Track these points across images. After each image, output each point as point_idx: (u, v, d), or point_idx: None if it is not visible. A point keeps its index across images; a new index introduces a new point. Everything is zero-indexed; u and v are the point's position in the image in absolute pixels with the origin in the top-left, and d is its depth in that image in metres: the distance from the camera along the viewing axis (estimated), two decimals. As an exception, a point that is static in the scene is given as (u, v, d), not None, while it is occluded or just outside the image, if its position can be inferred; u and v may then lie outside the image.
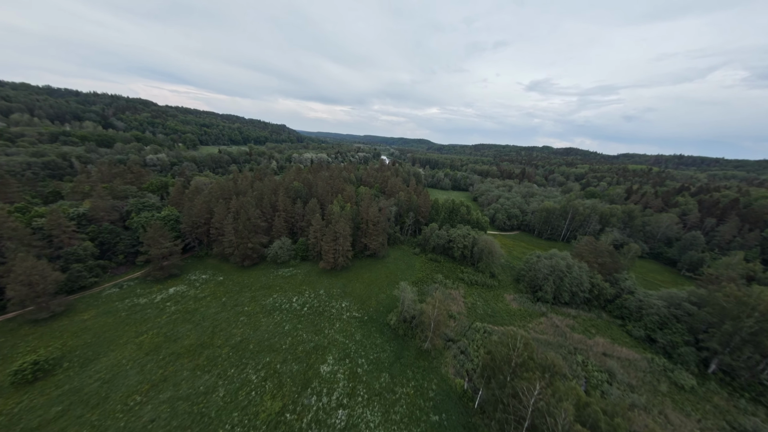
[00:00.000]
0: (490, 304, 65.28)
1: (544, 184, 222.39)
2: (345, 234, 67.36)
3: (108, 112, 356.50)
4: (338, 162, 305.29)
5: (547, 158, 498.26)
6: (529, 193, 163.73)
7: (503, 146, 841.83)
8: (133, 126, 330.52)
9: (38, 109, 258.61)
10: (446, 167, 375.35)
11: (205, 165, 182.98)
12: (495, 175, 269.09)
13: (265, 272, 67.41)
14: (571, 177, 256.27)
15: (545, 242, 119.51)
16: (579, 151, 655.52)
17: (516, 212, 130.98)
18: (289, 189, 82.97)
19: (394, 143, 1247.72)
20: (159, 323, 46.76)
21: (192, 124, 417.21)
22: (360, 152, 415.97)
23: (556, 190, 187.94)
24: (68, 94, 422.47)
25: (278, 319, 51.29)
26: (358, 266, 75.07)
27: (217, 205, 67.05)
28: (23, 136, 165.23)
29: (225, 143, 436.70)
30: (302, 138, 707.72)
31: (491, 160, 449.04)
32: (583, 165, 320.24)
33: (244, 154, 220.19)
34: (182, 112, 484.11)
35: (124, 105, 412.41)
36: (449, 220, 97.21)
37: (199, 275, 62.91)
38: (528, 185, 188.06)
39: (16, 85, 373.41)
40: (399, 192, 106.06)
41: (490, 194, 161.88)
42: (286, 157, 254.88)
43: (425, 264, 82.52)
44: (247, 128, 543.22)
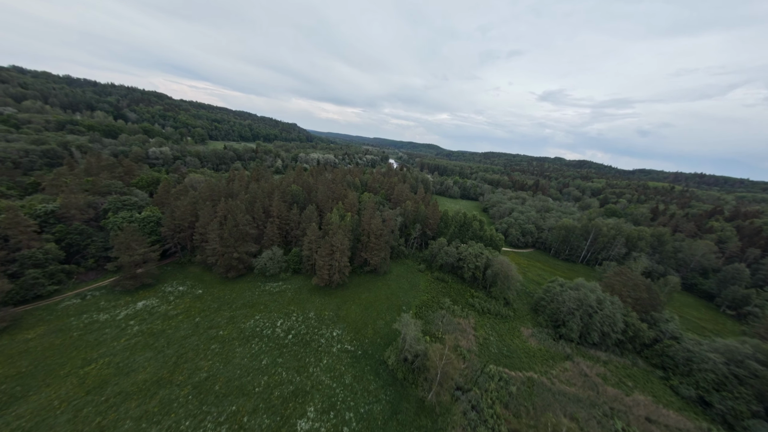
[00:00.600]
0: (506, 340, 56.22)
1: (559, 197, 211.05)
2: (342, 248, 59.56)
3: (122, 103, 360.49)
4: (345, 164, 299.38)
5: (559, 170, 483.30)
6: (544, 208, 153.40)
7: (513, 155, 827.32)
8: (144, 118, 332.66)
9: (53, 97, 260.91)
10: (455, 174, 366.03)
11: (208, 161, 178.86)
12: (506, 185, 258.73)
13: (251, 286, 60.01)
14: (587, 192, 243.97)
15: (563, 263, 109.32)
16: (593, 164, 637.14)
17: (531, 228, 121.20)
18: (285, 193, 75.89)
19: (402, 147, 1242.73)
20: (114, 348, 39.54)
21: (203, 119, 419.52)
22: (368, 155, 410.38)
23: (572, 205, 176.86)
24: (86, 84, 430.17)
25: (256, 349, 43.53)
26: (355, 283, 67.05)
27: (203, 208, 60.24)
28: (30, 123, 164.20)
29: (234, 139, 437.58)
30: (312, 137, 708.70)
31: (501, 169, 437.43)
32: (599, 179, 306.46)
33: (250, 151, 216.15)
34: (194, 106, 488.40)
35: (138, 97, 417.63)
36: (460, 235, 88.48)
37: (176, 286, 55.87)
38: (543, 198, 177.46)
39: (38, 73, 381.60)
40: (406, 201, 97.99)
41: (503, 206, 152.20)
42: (292, 156, 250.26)
43: (431, 284, 73.95)
44: (258, 125, 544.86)
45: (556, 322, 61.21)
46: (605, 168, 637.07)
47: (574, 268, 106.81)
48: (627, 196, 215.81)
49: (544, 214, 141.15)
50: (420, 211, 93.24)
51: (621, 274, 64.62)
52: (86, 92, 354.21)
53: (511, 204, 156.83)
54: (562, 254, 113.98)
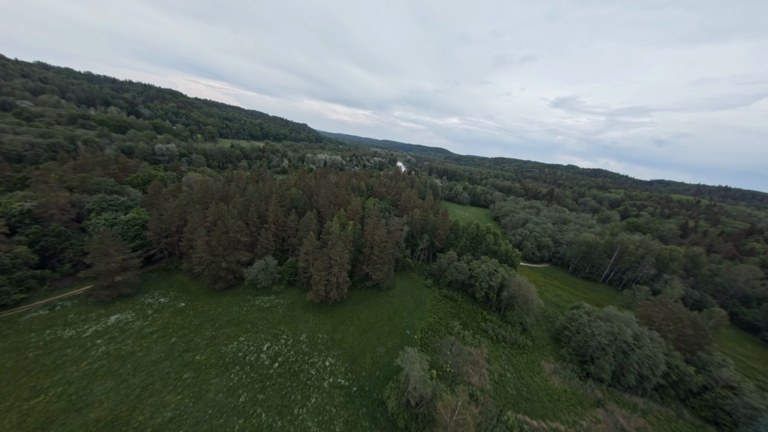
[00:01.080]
0: (524, 378, 48.62)
1: (575, 208, 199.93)
2: (342, 262, 53.36)
3: (138, 99, 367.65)
4: (352, 165, 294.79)
5: (573, 178, 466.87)
6: (560, 219, 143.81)
7: (524, 162, 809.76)
8: (158, 114, 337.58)
9: (70, 92, 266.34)
10: (465, 180, 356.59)
11: (214, 159, 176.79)
12: (518, 192, 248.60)
13: (240, 299, 54.41)
14: (605, 202, 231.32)
15: (583, 282, 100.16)
16: (608, 174, 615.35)
17: (547, 242, 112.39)
18: (284, 197, 70.43)
19: (411, 150, 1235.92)
20: (72, 375, 34.26)
21: (215, 117, 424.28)
22: (376, 157, 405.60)
23: (590, 217, 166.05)
24: (105, 80, 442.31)
25: (235, 380, 37.57)
26: (355, 300, 60.68)
27: (193, 211, 55.21)
28: (42, 116, 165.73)
29: (245, 138, 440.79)
30: (321, 138, 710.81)
31: (512, 175, 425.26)
32: (617, 190, 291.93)
33: (257, 150, 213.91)
34: (207, 104, 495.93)
35: (154, 94, 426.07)
36: (471, 248, 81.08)
37: (157, 297, 50.73)
38: (559, 209, 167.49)
39: (60, 69, 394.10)
40: (413, 209, 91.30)
41: (516, 216, 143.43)
42: (299, 157, 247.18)
43: (438, 302, 66.87)
44: (268, 125, 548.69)
45: (583, 357, 53.16)
46: (621, 177, 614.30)
47: (595, 287, 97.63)
48: (649, 209, 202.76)
49: (561, 226, 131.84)
50: (428, 221, 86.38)
51: (660, 304, 56.06)
52: (104, 88, 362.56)
53: (525, 214, 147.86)
54: (581, 271, 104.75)
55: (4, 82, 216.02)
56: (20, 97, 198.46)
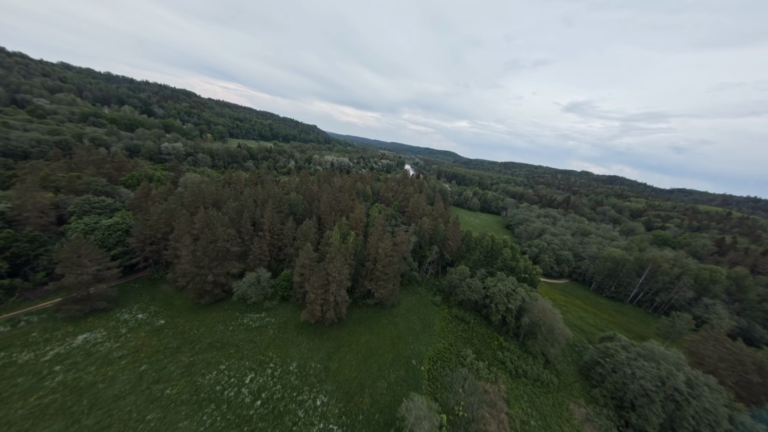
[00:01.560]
0: (551, 426, 40.91)
1: (594, 218, 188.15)
2: (341, 279, 47.13)
3: (152, 99, 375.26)
4: (360, 168, 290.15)
5: (588, 185, 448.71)
6: (580, 230, 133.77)
7: (536, 167, 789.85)
8: (171, 114, 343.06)
9: (87, 91, 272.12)
10: (474, 184, 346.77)
11: (220, 158, 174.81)
12: (531, 199, 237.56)
13: (227, 316, 48.84)
14: (625, 212, 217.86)
15: (607, 302, 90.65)
16: (625, 181, 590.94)
17: (567, 256, 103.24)
18: (282, 202, 64.96)
19: (419, 153, 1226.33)
20: (15, 414, 28.98)
21: (226, 117, 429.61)
22: (384, 159, 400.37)
23: (611, 228, 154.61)
24: (123, 80, 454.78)
25: (208, 424, 31.60)
26: (355, 319, 54.25)
27: (180, 217, 50.21)
28: (56, 114, 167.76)
29: (255, 138, 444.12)
30: (330, 139, 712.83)
31: (524, 180, 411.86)
32: (637, 199, 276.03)
33: (264, 151, 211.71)
34: (219, 105, 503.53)
35: (168, 94, 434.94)
36: (486, 263, 73.45)
37: (135, 313, 45.66)
38: (578, 219, 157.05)
39: (81, 69, 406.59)
40: (422, 217, 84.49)
41: (531, 226, 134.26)
42: (306, 158, 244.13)
43: (449, 324, 59.69)
44: (278, 126, 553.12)
45: (621, 402, 44.92)
46: (639, 185, 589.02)
47: (622, 309, 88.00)
48: (675, 220, 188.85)
49: (581, 238, 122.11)
50: (438, 231, 79.34)
51: (715, 341, 47.21)
52: (120, 88, 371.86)
53: (541, 223, 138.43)
54: (606, 290, 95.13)
55: (24, 80, 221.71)
56: (38, 95, 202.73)
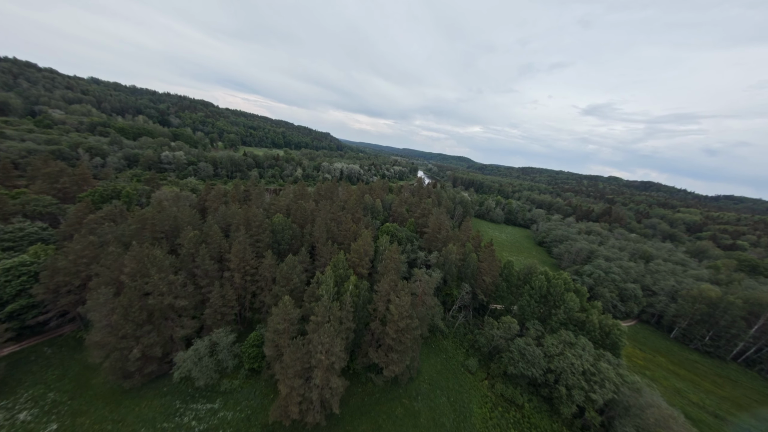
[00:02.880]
0: None
1: (645, 233, 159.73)
2: (330, 363, 29.39)
3: (171, 109, 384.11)
4: (371, 175, 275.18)
5: (619, 192, 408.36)
6: (638, 253, 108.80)
7: (557, 172, 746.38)
8: (186, 123, 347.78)
9: (106, 102, 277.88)
10: (494, 192, 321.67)
11: (223, 167, 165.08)
12: (564, 210, 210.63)
13: (161, 410, 32.25)
14: (680, 225, 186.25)
15: (701, 359, 66.38)
16: (661, 187, 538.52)
17: (634, 290, 79.89)
18: (261, 228, 48.59)
19: (432, 158, 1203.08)
20: None
21: (240, 126, 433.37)
22: (396, 166, 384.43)
23: (675, 248, 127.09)
24: (146, 93, 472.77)
25: None
26: (354, 411, 36.00)
27: (105, 257, 34.92)
28: (64, 123, 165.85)
29: (268, 145, 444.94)
30: (343, 146, 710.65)
31: (548, 188, 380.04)
32: (688, 209, 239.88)
33: (271, 159, 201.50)
34: (235, 114, 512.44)
35: (187, 104, 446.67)
36: (538, 309, 53.04)
37: (20, 408, 30.07)
38: (630, 236, 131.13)
39: (109, 83, 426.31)
40: (447, 243, 65.57)
41: (575, 246, 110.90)
42: (315, 165, 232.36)
43: (492, 410, 40.00)
44: (291, 133, 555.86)
45: None
46: (678, 192, 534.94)
47: (726, 372, 63.42)
48: (749, 237, 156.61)
49: (642, 264, 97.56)
50: (469, 262, 60.01)
51: None
52: (142, 99, 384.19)
53: (586, 243, 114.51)
54: (695, 340, 70.74)
55: (44, 92, 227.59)
56: (55, 106, 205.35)
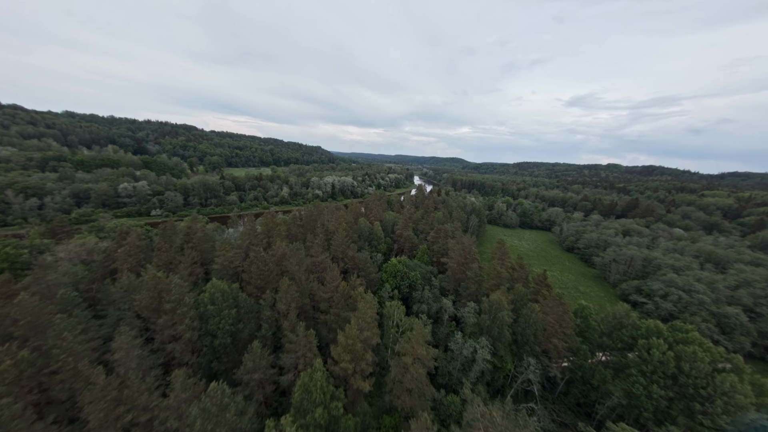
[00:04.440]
0: None
1: (688, 225, 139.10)
2: None
3: (150, 137, 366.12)
4: (365, 187, 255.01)
5: (626, 179, 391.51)
6: (704, 255, 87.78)
7: (553, 164, 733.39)
8: (166, 149, 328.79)
9: (73, 135, 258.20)
10: (497, 192, 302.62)
11: (195, 194, 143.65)
12: (580, 206, 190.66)
13: None
14: (714, 212, 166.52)
15: None
16: (666, 170, 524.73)
17: (737, 315, 58.28)
18: (176, 314, 26.62)
19: (425, 162, 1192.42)
20: None
21: (225, 147, 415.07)
22: (391, 173, 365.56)
23: (738, 242, 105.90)
24: (125, 122, 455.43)
25: None
26: None
27: None
28: (8, 161, 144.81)
29: (256, 165, 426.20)
30: (334, 159, 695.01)
31: (553, 182, 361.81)
32: (713, 192, 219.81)
33: (252, 179, 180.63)
34: (219, 135, 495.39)
35: (168, 130, 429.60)
36: (665, 399, 31.03)
37: None
38: (686, 236, 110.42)
39: (86, 116, 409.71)
40: (480, 281, 43.93)
41: (623, 252, 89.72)
42: (304, 182, 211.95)
43: None
44: (280, 150, 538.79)
45: None
46: (683, 173, 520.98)
47: None
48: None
49: (720, 272, 76.45)
50: (527, 318, 38.29)
51: None
52: (119, 128, 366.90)
53: (636, 249, 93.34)
54: None
55: (3, 129, 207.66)
56: (7, 143, 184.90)
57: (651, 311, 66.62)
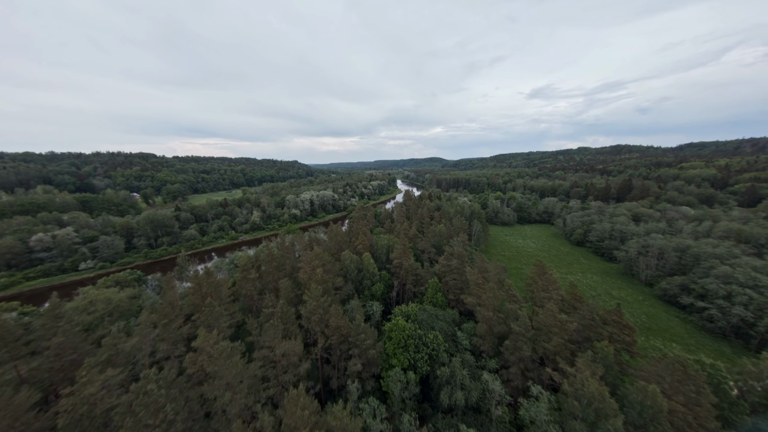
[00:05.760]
0: None
1: (689, 201, 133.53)
2: None
3: (98, 170, 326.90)
4: (347, 198, 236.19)
5: (603, 161, 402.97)
6: (733, 235, 78.23)
7: (527, 153, 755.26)
8: (117, 182, 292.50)
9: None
10: (484, 188, 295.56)
11: (141, 235, 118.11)
12: (573, 193, 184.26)
13: None
14: (703, 184, 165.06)
15: None
16: (633, 148, 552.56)
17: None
18: None
19: (405, 165, 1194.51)
20: None
21: (189, 173, 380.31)
22: (373, 180, 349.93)
23: (752, 217, 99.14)
24: (69, 157, 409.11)
25: None
26: None
27: None
28: None
29: (226, 188, 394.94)
30: (312, 172, 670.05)
31: (536, 171, 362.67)
32: (691, 164, 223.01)
33: (215, 207, 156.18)
34: (183, 161, 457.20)
35: (121, 161, 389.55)
36: None
37: None
38: (694, 215, 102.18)
39: (18, 155, 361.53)
40: (538, 341, 27.26)
41: (652, 245, 78.26)
42: (278, 202, 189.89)
43: None
44: (252, 169, 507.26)
45: None
46: (647, 149, 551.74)
47: None
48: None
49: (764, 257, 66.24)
50: (635, 404, 22.24)
51: None
52: (60, 164, 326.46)
53: (660, 237, 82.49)
54: None
55: None
56: None
57: (716, 318, 53.87)
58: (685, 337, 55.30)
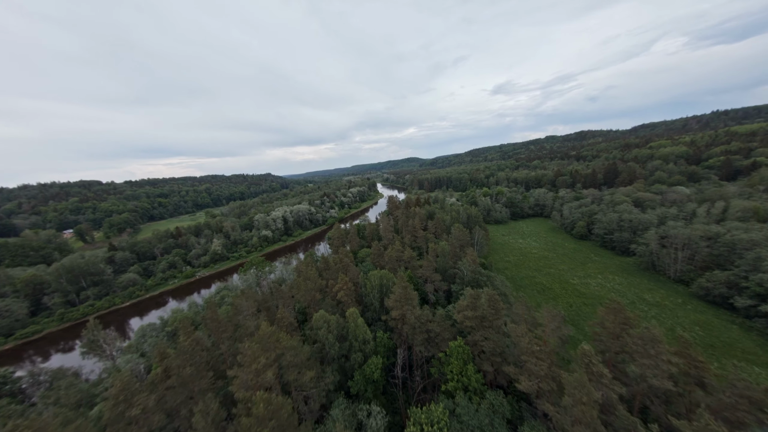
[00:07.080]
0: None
1: (679, 180, 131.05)
2: None
3: (23, 207, 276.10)
4: (325, 210, 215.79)
5: (569, 147, 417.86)
6: (747, 215, 71.33)
7: (499, 146, 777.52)
8: (48, 219, 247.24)
9: None
10: (467, 184, 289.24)
11: (56, 291, 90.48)
12: (559, 181, 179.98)
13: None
14: (679, 161, 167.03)
15: None
16: (595, 133, 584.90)
17: None
18: None
19: (383, 167, 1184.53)
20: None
21: (142, 198, 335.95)
22: (353, 187, 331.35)
23: (738, 187, 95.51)
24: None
25: None
26: None
27: None
28: None
29: (189, 210, 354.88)
30: (287, 183, 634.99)
31: (513, 162, 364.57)
32: (658, 143, 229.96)
33: (164, 239, 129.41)
34: (134, 185, 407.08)
35: (54, 193, 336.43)
36: None
37: None
38: (690, 194, 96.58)
39: None
40: None
41: (677, 234, 68.91)
42: (245, 223, 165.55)
43: None
44: (219, 187, 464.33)
45: None
46: (608, 132, 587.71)
47: None
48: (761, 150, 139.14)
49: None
50: None
51: None
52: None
53: (681, 225, 73.84)
54: None
55: None
56: None
57: None
58: (760, 354, 44.33)
